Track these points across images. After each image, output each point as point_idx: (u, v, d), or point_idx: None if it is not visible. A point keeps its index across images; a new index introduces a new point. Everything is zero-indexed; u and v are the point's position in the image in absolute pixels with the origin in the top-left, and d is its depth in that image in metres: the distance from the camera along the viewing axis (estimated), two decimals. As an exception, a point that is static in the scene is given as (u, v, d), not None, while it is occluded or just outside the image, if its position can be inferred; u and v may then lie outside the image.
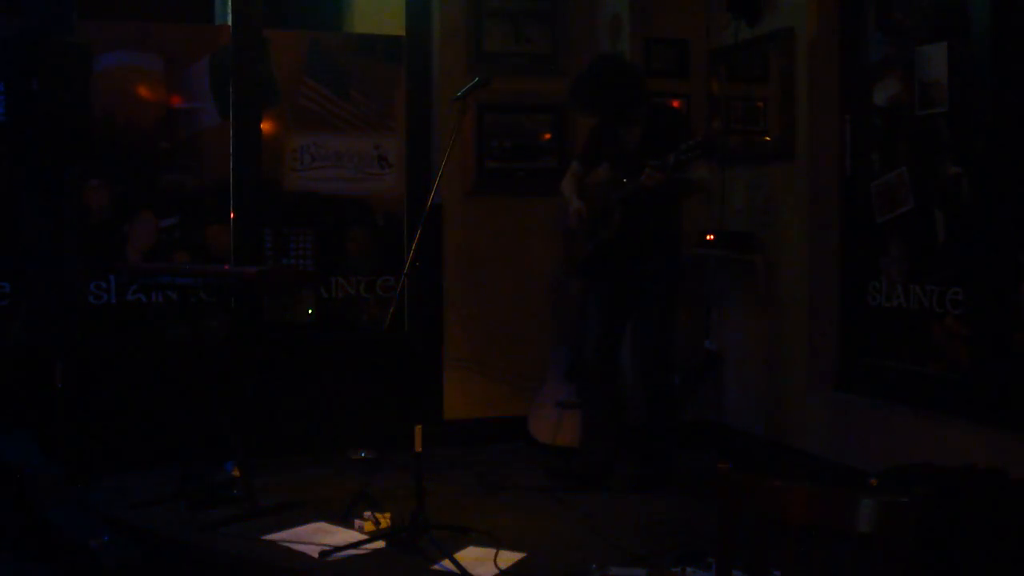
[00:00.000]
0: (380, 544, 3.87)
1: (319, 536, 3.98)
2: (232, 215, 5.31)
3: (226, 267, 5.05)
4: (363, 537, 3.93)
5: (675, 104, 5.47)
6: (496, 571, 3.65)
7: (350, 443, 5.24)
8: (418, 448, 3.85)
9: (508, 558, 3.76)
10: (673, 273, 4.71)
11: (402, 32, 5.64)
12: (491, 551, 3.80)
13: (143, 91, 5.33)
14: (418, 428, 3.85)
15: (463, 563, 3.62)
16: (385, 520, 4.05)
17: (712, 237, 5.24)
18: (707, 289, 5.50)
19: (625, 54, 5.44)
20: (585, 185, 4.81)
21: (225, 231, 5.35)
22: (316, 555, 3.78)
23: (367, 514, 4.06)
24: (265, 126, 5.42)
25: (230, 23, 5.32)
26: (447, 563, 3.65)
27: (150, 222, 5.32)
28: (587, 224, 4.71)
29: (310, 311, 5.47)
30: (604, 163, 4.76)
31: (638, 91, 4.61)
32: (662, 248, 4.66)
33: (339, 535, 3.99)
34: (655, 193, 4.40)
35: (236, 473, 4.41)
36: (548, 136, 5.67)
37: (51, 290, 5.06)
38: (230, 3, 5.30)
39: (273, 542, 3.94)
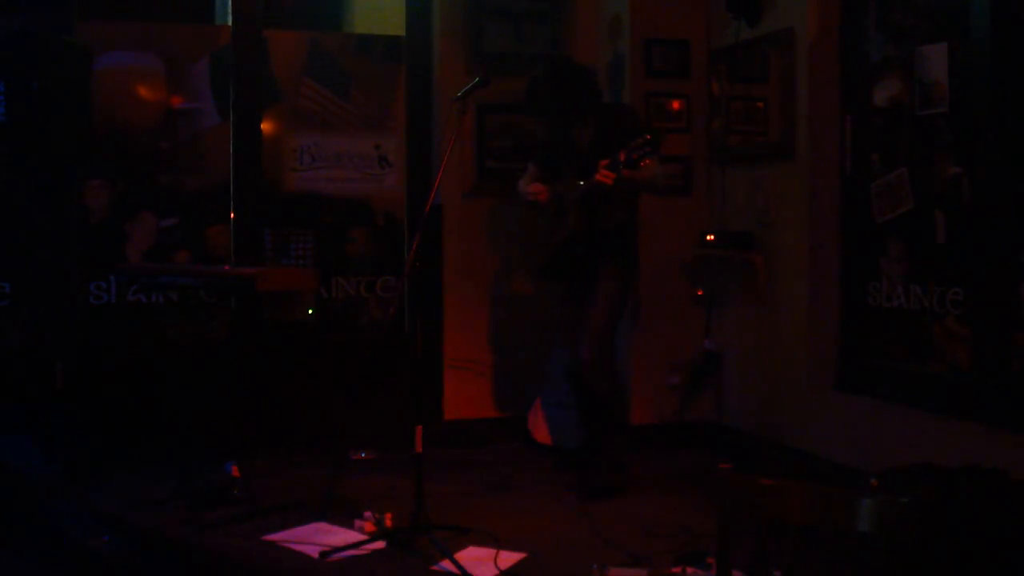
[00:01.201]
0: (380, 544, 3.87)
1: (319, 536, 3.98)
2: (232, 215, 5.31)
3: (226, 267, 5.05)
4: (363, 537, 3.93)
5: (676, 105, 5.47)
6: (496, 571, 3.65)
7: (350, 443, 5.25)
8: (418, 448, 3.86)
9: (508, 558, 3.77)
10: (626, 272, 4.71)
11: (402, 32, 5.64)
12: (491, 551, 3.81)
13: (143, 91, 5.33)
14: (418, 428, 3.86)
15: (463, 563, 3.62)
16: (385, 520, 4.05)
17: (712, 237, 5.24)
18: (707, 289, 5.50)
19: (625, 54, 5.45)
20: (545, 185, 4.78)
21: (225, 231, 5.35)
22: (316, 555, 3.78)
23: (367, 514, 4.06)
24: (265, 126, 5.42)
25: (230, 23, 5.32)
26: (447, 563, 3.65)
27: (150, 222, 5.32)
28: (549, 208, 4.68)
29: (310, 311, 5.47)
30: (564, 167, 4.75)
31: (590, 93, 4.62)
32: (617, 247, 4.65)
33: (339, 535, 3.99)
34: (609, 192, 4.40)
35: (236, 473, 4.41)
36: (548, 136, 5.66)
37: (51, 290, 5.06)
38: (230, 3, 5.30)
39: (273, 542, 3.94)
